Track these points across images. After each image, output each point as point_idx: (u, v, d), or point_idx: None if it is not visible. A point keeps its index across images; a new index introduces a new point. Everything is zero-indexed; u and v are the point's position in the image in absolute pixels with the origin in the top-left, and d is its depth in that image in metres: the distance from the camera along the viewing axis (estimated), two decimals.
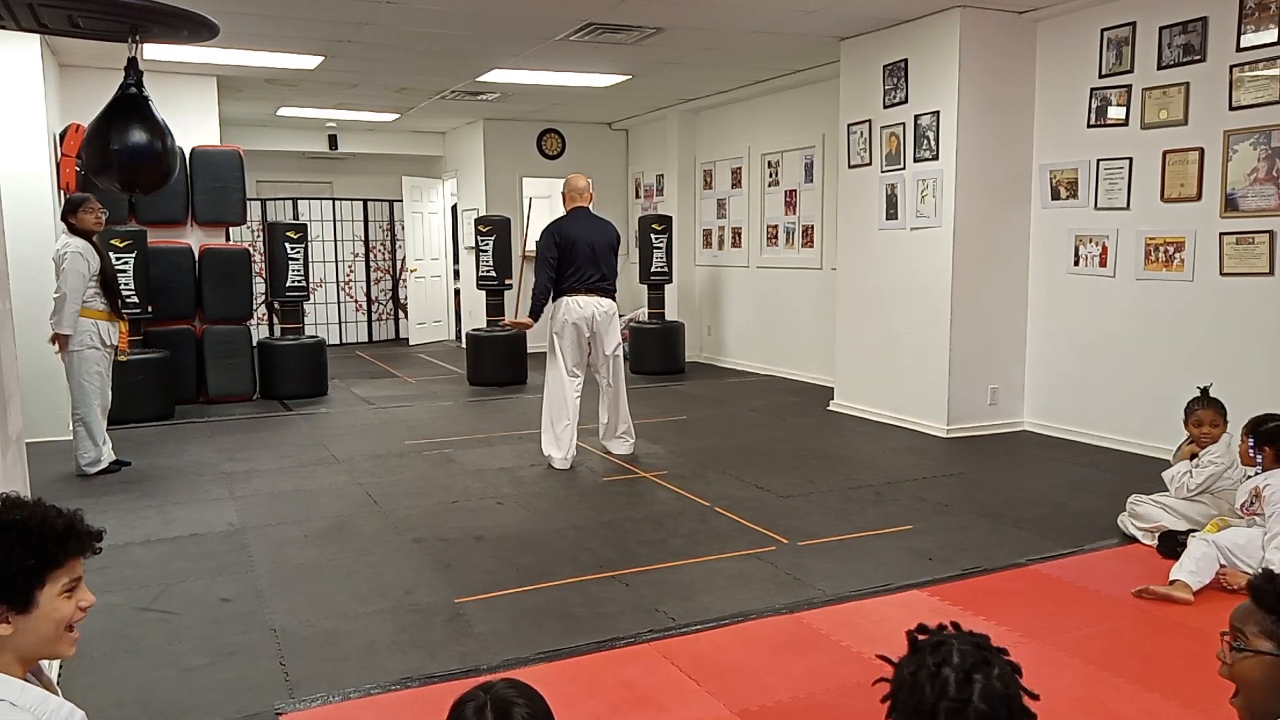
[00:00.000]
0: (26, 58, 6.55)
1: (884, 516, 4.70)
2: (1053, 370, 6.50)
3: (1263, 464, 3.72)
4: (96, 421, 5.62)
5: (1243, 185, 5.23)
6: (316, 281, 12.32)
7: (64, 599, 1.60)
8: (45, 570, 1.57)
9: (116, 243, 7.07)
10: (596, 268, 5.81)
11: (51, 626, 1.59)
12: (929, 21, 6.39)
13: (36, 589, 1.56)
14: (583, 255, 5.78)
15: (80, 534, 1.63)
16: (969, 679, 1.29)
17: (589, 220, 5.93)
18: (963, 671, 1.30)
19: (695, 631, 3.34)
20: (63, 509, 1.66)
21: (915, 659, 1.34)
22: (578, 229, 5.84)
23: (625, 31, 6.79)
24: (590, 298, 5.79)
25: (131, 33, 2.91)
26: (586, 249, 5.79)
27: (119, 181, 3.17)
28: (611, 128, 11.89)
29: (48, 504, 1.66)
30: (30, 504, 1.63)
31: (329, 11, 6.21)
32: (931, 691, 1.29)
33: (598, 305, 5.80)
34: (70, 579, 1.60)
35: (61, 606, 1.59)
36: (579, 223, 5.89)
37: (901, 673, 1.35)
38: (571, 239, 5.78)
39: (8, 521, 1.58)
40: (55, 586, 1.58)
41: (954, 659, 1.31)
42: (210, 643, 3.29)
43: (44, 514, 1.61)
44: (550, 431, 5.86)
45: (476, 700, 1.42)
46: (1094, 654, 3.11)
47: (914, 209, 6.66)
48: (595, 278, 5.81)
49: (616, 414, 6.06)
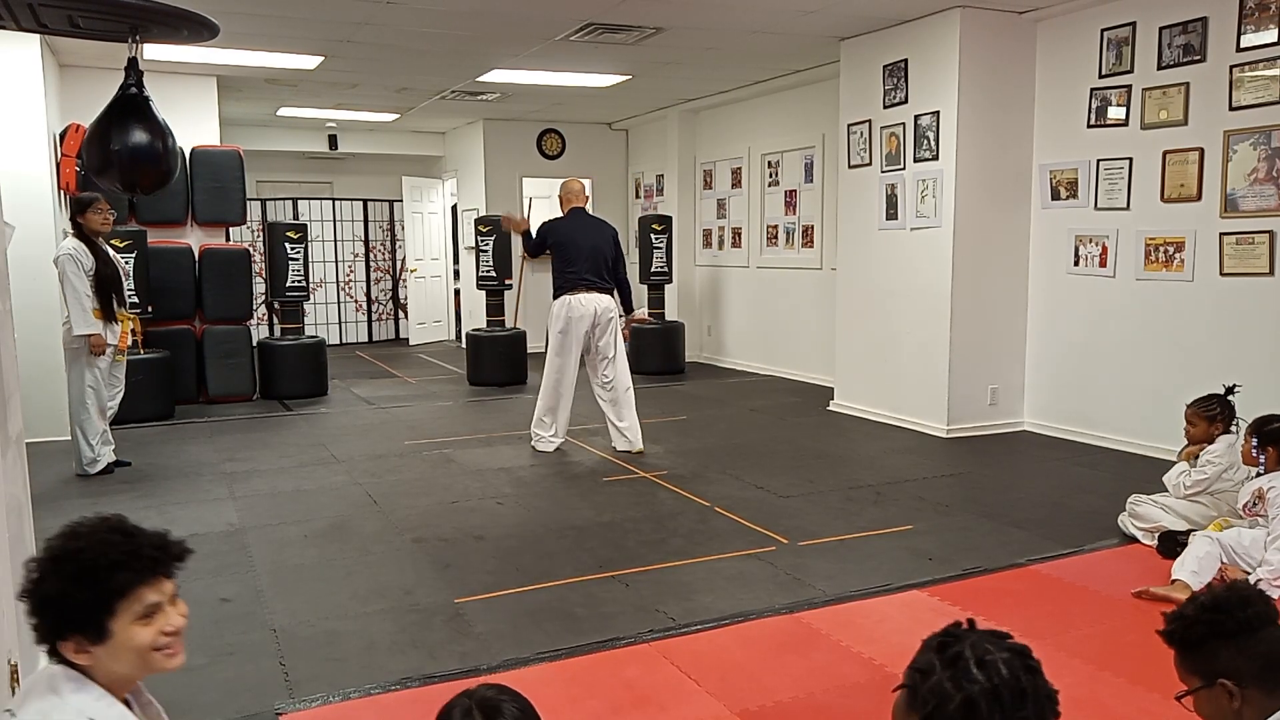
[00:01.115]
0: (26, 58, 6.55)
1: (884, 516, 4.70)
2: (1053, 370, 6.50)
3: (1266, 465, 3.72)
4: (91, 422, 5.61)
5: (1243, 185, 5.23)
6: (316, 281, 12.32)
7: (141, 626, 1.52)
8: (111, 601, 1.50)
9: (116, 243, 7.04)
10: (595, 267, 5.96)
11: (132, 654, 1.52)
12: (929, 21, 6.39)
13: (107, 619, 1.50)
14: (582, 255, 5.94)
15: (145, 560, 1.53)
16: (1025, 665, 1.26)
17: (586, 220, 6.14)
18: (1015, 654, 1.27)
19: (695, 631, 3.34)
20: (132, 530, 1.57)
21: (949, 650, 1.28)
22: (575, 229, 6.02)
23: (625, 31, 6.79)
24: (590, 295, 5.95)
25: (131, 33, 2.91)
26: (585, 249, 5.96)
27: (120, 182, 3.17)
28: (611, 128, 11.89)
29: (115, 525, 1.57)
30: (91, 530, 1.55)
31: (329, 11, 6.21)
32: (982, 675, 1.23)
33: (598, 302, 5.96)
34: (145, 605, 1.52)
35: (138, 634, 1.51)
36: (576, 223, 6.07)
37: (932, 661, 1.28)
38: (568, 238, 5.96)
39: (64, 553, 1.51)
40: (128, 614, 1.50)
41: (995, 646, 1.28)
42: (210, 643, 3.28)
43: (102, 543, 1.53)
44: (545, 415, 6.11)
45: (461, 705, 1.41)
46: (1094, 654, 3.10)
47: (914, 209, 6.66)
48: (594, 276, 5.95)
49: (629, 408, 6.11)
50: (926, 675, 1.27)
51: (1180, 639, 1.64)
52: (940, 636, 1.32)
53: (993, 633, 1.32)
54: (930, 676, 1.27)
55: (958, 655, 1.27)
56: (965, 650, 1.27)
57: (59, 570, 1.51)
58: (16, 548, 2.50)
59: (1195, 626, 1.62)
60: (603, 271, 6.00)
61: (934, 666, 1.27)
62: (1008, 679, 1.24)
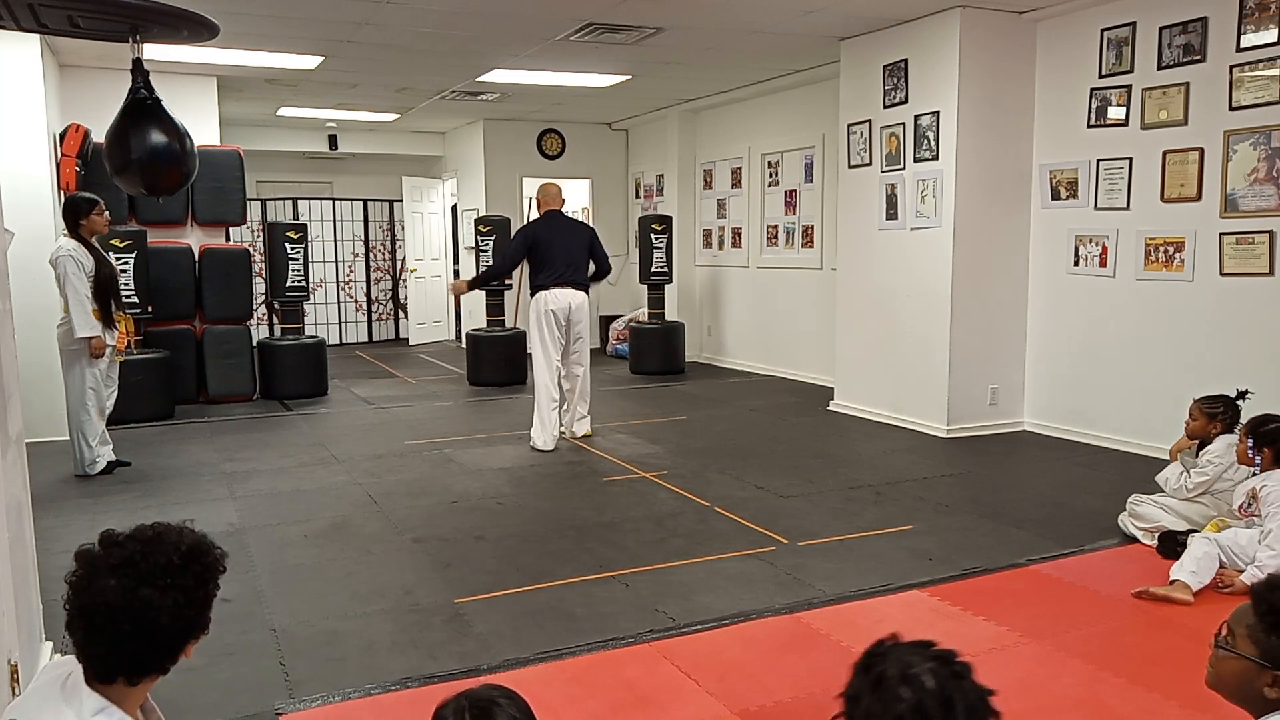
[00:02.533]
0: (26, 58, 6.54)
1: (884, 516, 4.70)
2: (1053, 370, 6.50)
3: (1261, 465, 3.72)
4: (91, 423, 5.61)
5: (1243, 185, 5.23)
6: (316, 281, 12.32)
7: None
8: (189, 639, 1.60)
9: (116, 243, 7.07)
10: (570, 265, 6.37)
11: None
12: (929, 21, 6.39)
13: (181, 655, 1.58)
14: (557, 254, 6.34)
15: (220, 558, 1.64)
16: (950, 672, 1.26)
17: (562, 222, 6.52)
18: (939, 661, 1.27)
19: (695, 631, 3.34)
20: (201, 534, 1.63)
21: (873, 670, 1.29)
22: (550, 231, 6.41)
23: (625, 31, 6.79)
24: (565, 290, 6.32)
25: (131, 33, 2.91)
26: (560, 249, 6.35)
27: (143, 185, 3.19)
28: (611, 128, 11.89)
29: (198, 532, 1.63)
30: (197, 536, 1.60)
31: (329, 11, 6.21)
32: (907, 691, 1.24)
33: (573, 297, 6.35)
34: None
35: None
36: (551, 225, 6.46)
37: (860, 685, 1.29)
38: (544, 240, 6.36)
39: (193, 561, 1.57)
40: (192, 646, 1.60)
41: (918, 658, 1.27)
42: (210, 643, 3.24)
43: (214, 548, 1.61)
44: (539, 414, 6.30)
45: (454, 704, 1.41)
46: (1094, 654, 3.10)
47: (914, 209, 6.66)
48: (569, 274, 6.36)
49: (584, 397, 6.57)
50: (856, 701, 1.29)
51: (1267, 609, 1.59)
52: (865, 658, 1.33)
53: (916, 644, 1.32)
54: (860, 702, 1.28)
55: (881, 675, 1.28)
56: (888, 669, 1.28)
57: (186, 576, 1.55)
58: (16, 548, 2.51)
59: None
60: (578, 272, 6.41)
61: (861, 691, 1.29)
62: (933, 690, 1.24)
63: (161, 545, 1.54)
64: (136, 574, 1.50)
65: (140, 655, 1.51)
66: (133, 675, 1.53)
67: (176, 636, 1.54)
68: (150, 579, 1.50)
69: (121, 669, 1.52)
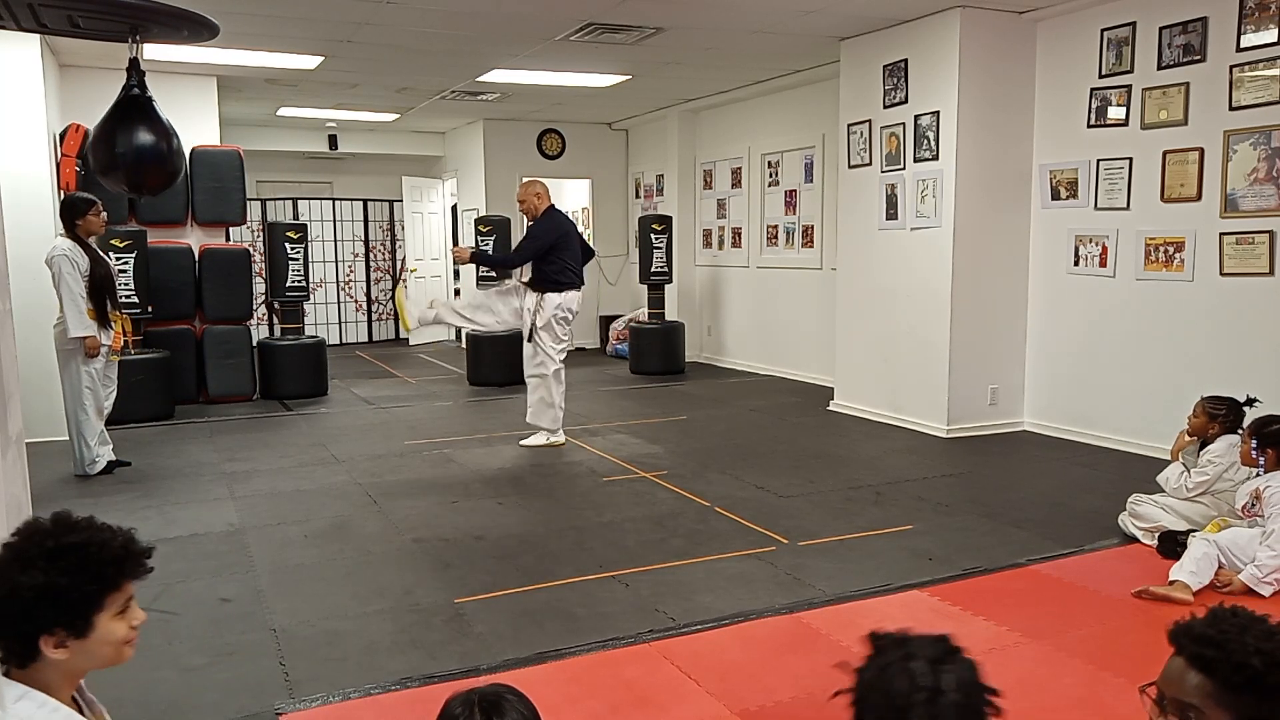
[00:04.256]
0: (26, 58, 6.54)
1: (884, 516, 4.70)
2: (1053, 370, 6.50)
3: (1264, 466, 3.72)
4: (89, 423, 5.61)
5: (1243, 185, 5.23)
6: (316, 281, 12.31)
7: (118, 620, 1.58)
8: (104, 595, 1.55)
9: (116, 243, 7.07)
10: (579, 262, 6.40)
11: (108, 649, 1.58)
12: (929, 21, 6.39)
13: (95, 614, 1.54)
14: (573, 250, 6.34)
15: (136, 555, 1.60)
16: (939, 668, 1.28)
17: (568, 220, 6.55)
18: (932, 661, 1.29)
19: (695, 631, 3.34)
20: (115, 528, 1.61)
21: (880, 658, 1.32)
22: (568, 228, 6.40)
23: (625, 31, 6.79)
24: (578, 293, 6.39)
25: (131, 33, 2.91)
26: (576, 244, 6.38)
27: (127, 183, 3.18)
28: (611, 128, 11.89)
29: (100, 523, 1.61)
30: (84, 524, 1.59)
31: (329, 11, 6.21)
32: (902, 684, 1.27)
33: (579, 299, 6.43)
34: (125, 599, 1.59)
35: (116, 629, 1.57)
36: (564, 222, 6.46)
37: (866, 674, 1.32)
38: (567, 237, 6.31)
39: (65, 546, 1.53)
40: (111, 610, 1.56)
41: (921, 652, 1.30)
42: (210, 643, 3.29)
43: (101, 536, 1.57)
44: (552, 410, 6.33)
45: (464, 699, 1.42)
46: (1094, 654, 3.10)
47: (914, 209, 6.66)
48: (580, 272, 6.43)
49: None
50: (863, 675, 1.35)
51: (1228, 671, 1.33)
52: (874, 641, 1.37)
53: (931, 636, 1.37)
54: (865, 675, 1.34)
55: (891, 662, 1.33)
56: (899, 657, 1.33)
57: (58, 563, 1.52)
58: None
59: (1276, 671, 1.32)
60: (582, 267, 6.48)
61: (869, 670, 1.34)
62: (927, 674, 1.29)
63: (53, 532, 1.56)
64: (14, 553, 1.53)
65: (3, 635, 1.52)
66: (20, 660, 1.53)
67: (30, 625, 1.51)
68: (26, 560, 1.52)
69: (11, 654, 1.53)
